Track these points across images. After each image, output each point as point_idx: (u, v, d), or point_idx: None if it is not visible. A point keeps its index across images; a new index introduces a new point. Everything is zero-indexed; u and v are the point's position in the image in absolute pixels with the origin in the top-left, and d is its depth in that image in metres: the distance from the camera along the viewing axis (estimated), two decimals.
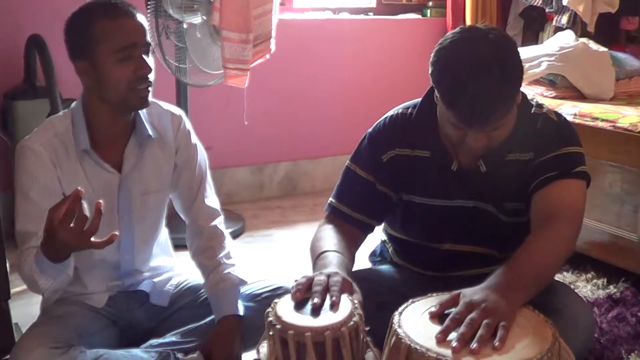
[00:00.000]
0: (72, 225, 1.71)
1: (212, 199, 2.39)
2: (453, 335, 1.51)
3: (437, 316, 1.60)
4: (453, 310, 1.59)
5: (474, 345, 1.46)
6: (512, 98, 1.90)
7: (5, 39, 3.90)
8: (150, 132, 2.22)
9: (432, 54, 1.93)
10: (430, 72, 1.94)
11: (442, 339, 1.49)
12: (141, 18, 2.11)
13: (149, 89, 2.12)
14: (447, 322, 1.53)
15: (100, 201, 1.74)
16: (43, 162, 2.09)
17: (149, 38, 2.13)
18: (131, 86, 2.07)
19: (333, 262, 1.88)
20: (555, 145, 2.03)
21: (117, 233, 1.79)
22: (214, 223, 2.36)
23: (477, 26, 1.96)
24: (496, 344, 1.47)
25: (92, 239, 1.75)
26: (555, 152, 2.02)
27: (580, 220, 1.98)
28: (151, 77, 2.11)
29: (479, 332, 1.49)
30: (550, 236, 1.85)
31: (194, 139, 2.36)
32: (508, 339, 1.50)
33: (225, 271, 2.28)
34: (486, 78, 1.82)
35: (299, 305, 1.64)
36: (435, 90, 1.96)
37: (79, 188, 1.70)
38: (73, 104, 2.20)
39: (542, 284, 1.77)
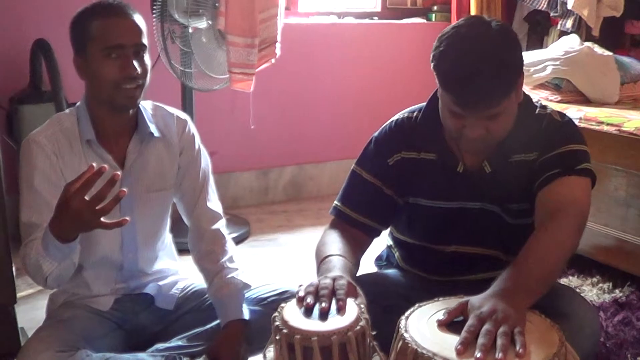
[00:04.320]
0: (87, 198, 1.75)
1: (214, 203, 2.40)
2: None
3: (445, 324, 1.59)
4: (461, 318, 1.59)
5: (499, 355, 1.45)
6: (509, 84, 1.90)
7: (10, 44, 3.91)
8: (152, 130, 2.24)
9: (435, 41, 1.95)
10: (431, 57, 1.94)
11: (462, 351, 1.48)
12: (138, 19, 2.14)
13: (138, 90, 2.14)
14: (463, 334, 1.52)
15: (118, 172, 1.77)
16: (45, 153, 2.12)
17: (144, 40, 2.15)
18: (117, 84, 2.10)
19: (337, 266, 1.88)
20: (558, 143, 2.03)
21: (128, 218, 1.83)
22: (216, 226, 2.37)
23: (481, 16, 1.96)
24: (520, 351, 1.46)
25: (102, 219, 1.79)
26: (559, 149, 2.01)
27: (585, 217, 1.96)
28: (142, 78, 2.14)
29: (500, 342, 1.48)
30: (554, 234, 1.84)
31: (198, 143, 2.38)
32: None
33: (229, 275, 2.29)
34: (486, 60, 1.84)
35: (306, 310, 1.64)
36: (436, 78, 1.95)
37: (104, 166, 1.76)
38: (78, 103, 2.24)
39: (547, 284, 1.76)
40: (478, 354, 1.45)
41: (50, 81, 3.62)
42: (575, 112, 3.43)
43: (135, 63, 2.11)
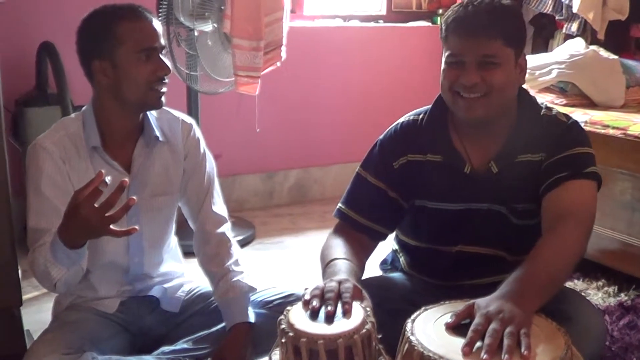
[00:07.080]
0: (96, 205, 1.76)
1: (219, 206, 2.40)
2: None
3: (452, 327, 1.59)
4: (468, 321, 1.58)
5: (504, 356, 1.45)
6: (508, 32, 1.97)
7: (16, 46, 3.92)
8: (158, 134, 2.25)
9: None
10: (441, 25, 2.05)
11: (468, 352, 1.48)
12: (156, 22, 2.17)
13: (165, 89, 2.17)
14: (469, 333, 1.52)
15: (126, 179, 1.78)
16: (53, 159, 2.12)
17: (163, 41, 2.18)
18: (150, 86, 2.13)
19: (342, 269, 1.88)
20: (565, 146, 2.04)
21: (137, 227, 1.84)
22: (221, 230, 2.37)
23: None
24: (524, 352, 1.47)
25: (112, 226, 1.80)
26: (566, 152, 2.03)
27: (592, 221, 1.97)
28: (167, 78, 2.18)
29: (506, 342, 1.48)
30: (561, 239, 1.85)
31: (203, 147, 2.38)
32: None
33: (234, 279, 2.28)
34: (489, 5, 1.97)
35: (312, 313, 1.64)
36: (442, 34, 2.03)
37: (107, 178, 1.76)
38: (84, 107, 2.24)
39: (554, 288, 1.77)
40: (484, 356, 1.45)
41: (56, 84, 3.63)
42: (581, 116, 3.42)
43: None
